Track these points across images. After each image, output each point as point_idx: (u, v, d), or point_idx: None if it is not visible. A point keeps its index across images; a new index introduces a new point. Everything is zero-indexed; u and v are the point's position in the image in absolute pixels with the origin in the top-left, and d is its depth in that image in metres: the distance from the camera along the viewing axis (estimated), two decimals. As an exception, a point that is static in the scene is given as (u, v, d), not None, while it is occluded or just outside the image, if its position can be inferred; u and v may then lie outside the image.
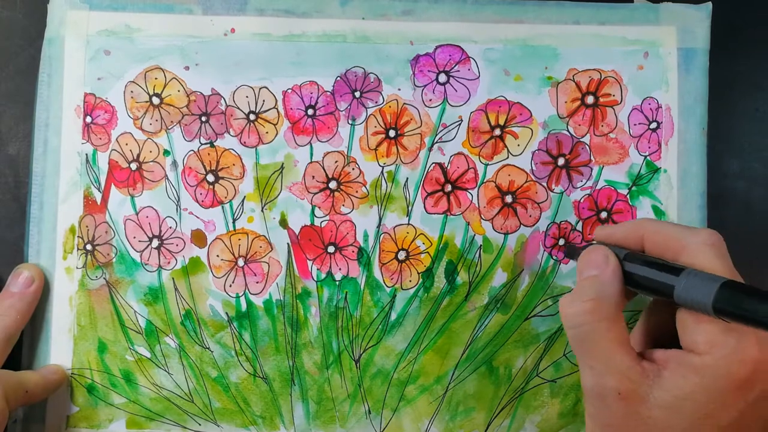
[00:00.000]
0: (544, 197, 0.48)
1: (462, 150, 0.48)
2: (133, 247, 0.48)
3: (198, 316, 0.48)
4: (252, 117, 0.48)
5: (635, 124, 0.48)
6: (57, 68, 0.48)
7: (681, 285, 0.34)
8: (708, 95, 0.48)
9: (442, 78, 0.48)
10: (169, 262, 0.48)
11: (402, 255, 0.48)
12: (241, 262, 0.48)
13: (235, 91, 0.48)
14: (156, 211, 0.48)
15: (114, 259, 0.47)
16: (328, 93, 0.48)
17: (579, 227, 0.48)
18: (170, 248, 0.48)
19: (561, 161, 0.48)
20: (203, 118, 0.48)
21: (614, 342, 0.36)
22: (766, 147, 0.49)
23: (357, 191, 0.48)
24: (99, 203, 0.48)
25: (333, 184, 0.48)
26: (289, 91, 0.48)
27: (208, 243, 0.48)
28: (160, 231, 0.48)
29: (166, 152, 0.48)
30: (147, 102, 0.48)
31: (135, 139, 0.48)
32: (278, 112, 0.48)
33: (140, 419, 0.47)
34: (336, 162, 0.48)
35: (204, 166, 0.48)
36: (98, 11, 0.48)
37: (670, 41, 0.48)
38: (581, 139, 0.48)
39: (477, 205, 0.48)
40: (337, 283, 0.48)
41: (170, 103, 0.48)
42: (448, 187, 0.48)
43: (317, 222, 0.48)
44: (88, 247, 0.47)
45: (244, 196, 0.48)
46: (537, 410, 0.48)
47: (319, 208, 0.48)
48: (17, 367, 0.47)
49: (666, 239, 0.37)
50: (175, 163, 0.48)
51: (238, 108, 0.48)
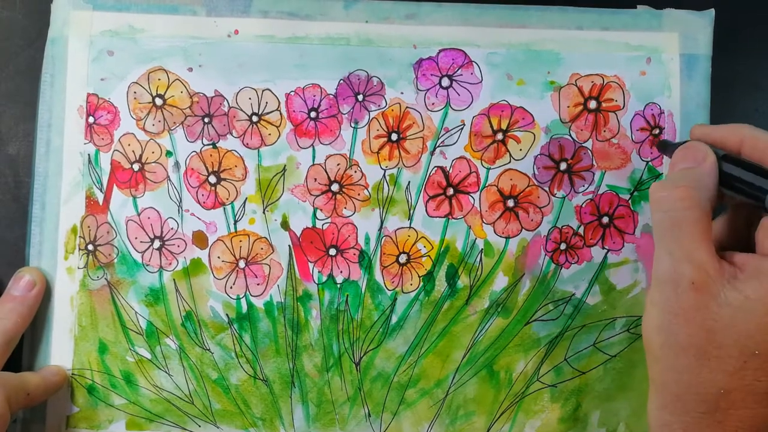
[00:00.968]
0: (546, 202, 0.48)
1: (464, 154, 0.48)
2: (134, 248, 0.48)
3: (198, 318, 0.48)
4: (255, 119, 0.48)
5: (637, 130, 0.48)
6: (60, 68, 0.48)
7: None
8: (710, 100, 0.48)
9: (445, 82, 0.48)
10: (170, 263, 0.48)
11: (403, 258, 0.48)
12: (242, 264, 0.48)
13: (238, 93, 0.48)
14: (158, 212, 0.48)
15: (115, 260, 0.47)
16: (331, 96, 0.48)
17: (581, 232, 0.48)
18: (171, 249, 0.48)
19: (563, 166, 0.48)
20: (206, 120, 0.48)
21: (699, 233, 0.36)
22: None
23: (359, 194, 0.48)
24: (101, 204, 0.48)
25: (335, 187, 0.48)
26: (292, 93, 0.48)
27: (210, 244, 0.48)
28: (162, 232, 0.48)
29: (169, 153, 0.48)
30: (150, 103, 0.48)
31: (137, 140, 0.48)
32: (281, 114, 0.48)
33: (140, 420, 0.47)
34: (338, 165, 0.48)
35: (206, 168, 0.48)
36: (102, 11, 0.48)
37: (672, 47, 0.48)
38: (583, 144, 0.48)
39: (479, 209, 0.48)
40: (338, 285, 0.48)
41: (173, 104, 0.48)
42: (450, 191, 0.48)
43: (319, 224, 0.48)
44: (90, 247, 0.47)
45: (246, 198, 0.48)
46: (537, 415, 0.48)
47: (321, 210, 0.48)
48: (18, 367, 0.47)
49: (764, 145, 0.38)
50: (177, 164, 0.48)
51: (241, 110, 0.48)
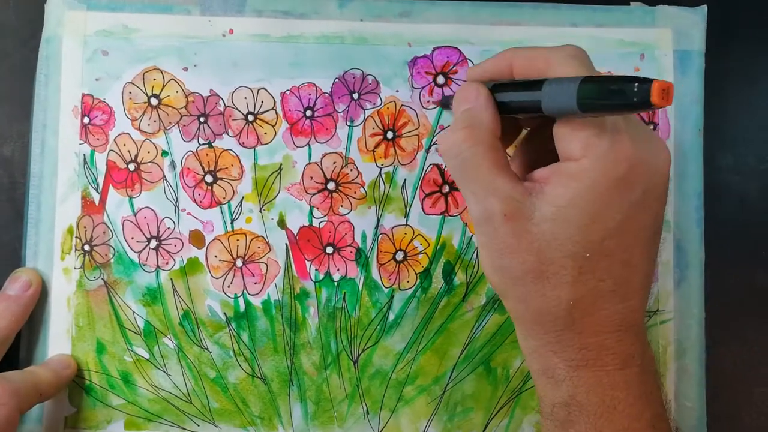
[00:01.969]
0: (542, 198, 0.48)
1: (460, 151, 0.48)
2: (131, 248, 0.47)
3: (196, 317, 0.48)
4: (250, 118, 0.48)
5: (632, 126, 0.48)
6: (54, 69, 0.47)
7: (545, 96, 0.34)
8: (704, 95, 0.48)
9: (440, 80, 0.48)
10: (167, 263, 0.48)
11: (400, 256, 0.48)
12: (239, 263, 0.48)
13: (233, 92, 0.48)
14: (154, 211, 0.48)
15: (112, 260, 0.47)
16: (327, 94, 0.48)
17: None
18: (168, 249, 0.48)
19: (558, 162, 0.48)
20: (201, 119, 0.48)
21: (493, 166, 0.36)
22: (760, 141, 0.50)
23: (355, 192, 0.48)
24: (97, 204, 0.47)
25: (331, 185, 0.48)
26: (288, 92, 0.48)
27: (207, 243, 0.48)
28: (159, 231, 0.48)
29: (165, 153, 0.48)
30: (145, 103, 0.48)
31: (133, 140, 0.48)
32: (276, 113, 0.48)
33: (138, 420, 0.47)
34: (334, 163, 0.48)
35: (202, 167, 0.48)
36: (96, 11, 0.48)
37: (665, 43, 0.48)
38: (578, 141, 0.48)
39: (475, 206, 0.48)
40: (336, 283, 0.48)
41: (168, 103, 0.48)
42: (446, 188, 0.48)
43: (315, 223, 0.48)
44: (86, 247, 0.47)
45: (243, 197, 0.48)
46: (535, 410, 0.48)
47: (318, 208, 0.48)
48: (14, 367, 0.46)
49: (531, 60, 0.38)
50: (173, 164, 0.48)
51: (237, 109, 0.48)
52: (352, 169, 0.48)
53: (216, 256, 0.48)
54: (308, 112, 0.48)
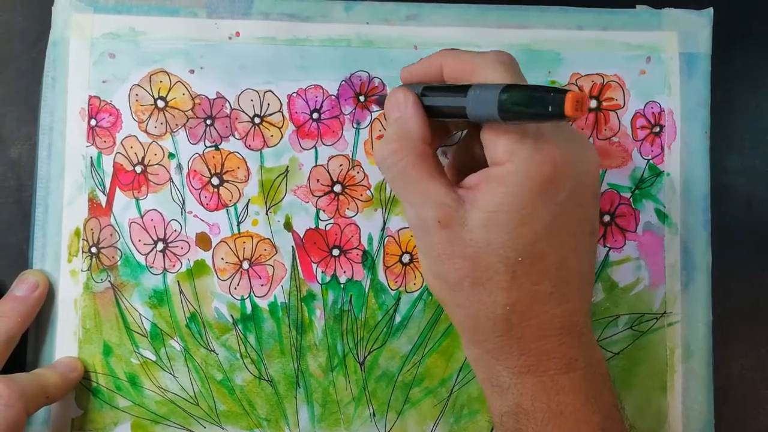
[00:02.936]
0: (548, 200, 0.48)
1: (466, 154, 0.48)
2: (138, 250, 0.48)
3: (203, 319, 0.48)
4: (257, 120, 0.48)
5: (638, 128, 0.48)
6: (61, 71, 0.48)
7: (470, 102, 0.35)
8: (710, 98, 0.48)
9: (447, 82, 0.48)
10: (174, 265, 0.48)
11: (406, 258, 0.48)
12: (245, 265, 0.48)
13: (240, 95, 0.48)
14: (161, 214, 0.48)
15: (119, 262, 0.47)
16: (333, 97, 0.48)
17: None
18: (175, 251, 0.48)
19: (564, 165, 0.48)
20: (208, 122, 0.48)
21: (426, 174, 0.36)
22: (766, 143, 0.50)
23: (361, 194, 0.48)
24: (104, 206, 0.48)
25: (338, 188, 0.48)
26: (294, 94, 0.48)
27: (213, 246, 0.48)
28: (165, 234, 0.48)
29: (171, 155, 0.48)
30: (152, 105, 0.48)
31: (140, 142, 0.48)
32: (283, 115, 0.48)
33: (145, 422, 0.47)
34: (341, 165, 0.48)
35: (209, 169, 0.48)
36: (103, 14, 0.48)
37: (672, 46, 0.48)
38: (584, 143, 0.48)
39: (481, 209, 0.48)
40: (342, 286, 0.48)
41: (175, 106, 0.48)
42: (452, 191, 0.48)
43: (322, 225, 0.48)
44: (93, 250, 0.47)
45: (249, 199, 0.48)
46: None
47: (324, 211, 0.48)
48: (21, 369, 0.46)
49: (459, 65, 0.38)
50: (180, 166, 0.48)
51: (243, 111, 0.48)
52: (358, 172, 0.48)
53: (222, 259, 0.48)
54: (315, 115, 0.48)
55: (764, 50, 0.50)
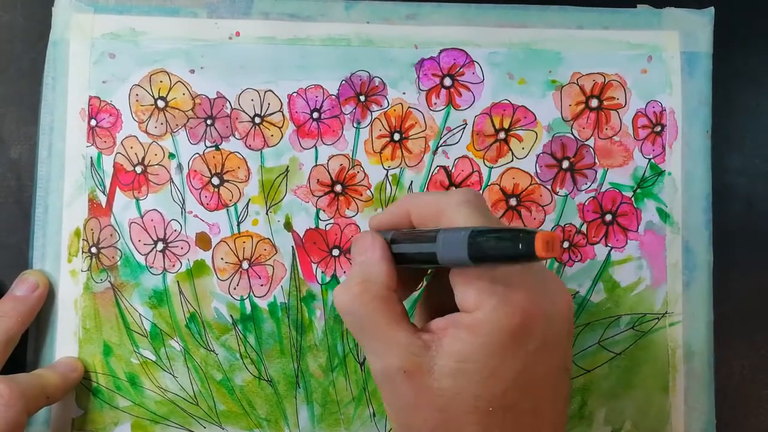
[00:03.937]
0: (549, 200, 0.48)
1: (466, 153, 0.48)
2: (138, 250, 0.48)
3: (203, 319, 0.48)
4: (257, 120, 0.48)
5: (639, 127, 0.48)
6: (62, 71, 0.48)
7: (439, 247, 0.34)
8: (711, 97, 0.48)
9: (447, 82, 0.48)
10: (173, 265, 0.48)
11: (407, 258, 0.48)
12: (245, 265, 0.48)
13: (240, 95, 0.48)
14: (161, 214, 0.48)
15: (119, 262, 0.47)
16: (333, 96, 0.48)
17: (583, 230, 0.48)
18: (175, 251, 0.48)
19: (565, 164, 0.48)
20: (208, 122, 0.48)
21: (390, 321, 0.35)
22: (767, 143, 0.50)
23: (362, 194, 0.48)
24: (104, 206, 0.47)
25: (338, 188, 0.48)
26: (294, 94, 0.48)
27: (213, 246, 0.48)
28: (165, 234, 0.48)
29: (171, 155, 0.48)
30: (152, 105, 0.48)
31: (140, 143, 0.48)
32: (283, 115, 0.48)
33: (145, 422, 0.47)
34: (341, 165, 0.48)
35: (209, 169, 0.48)
36: (103, 14, 0.48)
37: (673, 45, 0.48)
38: (585, 142, 0.48)
39: (481, 208, 0.48)
40: (342, 286, 0.48)
41: (175, 106, 0.48)
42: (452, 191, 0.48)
43: (322, 225, 0.48)
44: (93, 250, 0.47)
45: (249, 199, 0.48)
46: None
47: (324, 211, 0.48)
48: (21, 369, 0.46)
49: (426, 209, 0.37)
50: (180, 167, 0.48)
51: (244, 111, 0.48)
52: (358, 171, 0.48)
53: (222, 259, 0.48)
54: (315, 114, 0.48)
55: (765, 49, 0.50)
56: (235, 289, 0.48)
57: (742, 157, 0.50)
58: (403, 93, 0.48)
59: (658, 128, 0.48)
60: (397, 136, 0.48)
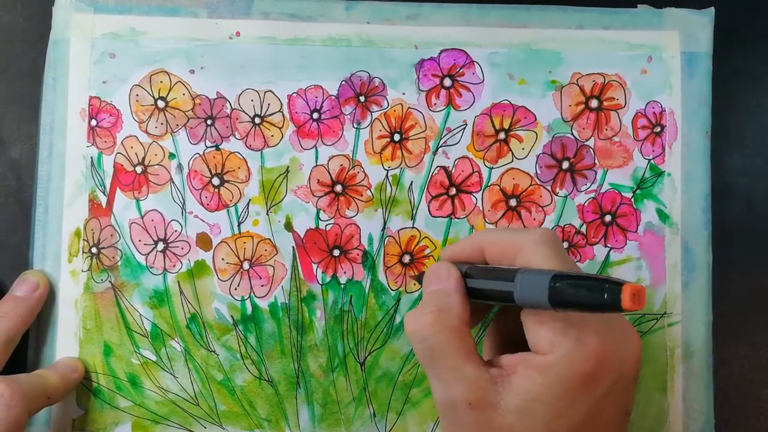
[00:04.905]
0: (549, 201, 0.48)
1: (466, 154, 0.48)
2: (138, 251, 0.48)
3: (203, 320, 0.48)
4: (257, 120, 0.48)
5: (639, 128, 0.48)
6: (62, 71, 0.48)
7: (517, 287, 0.34)
8: (711, 97, 0.48)
9: (447, 82, 0.48)
10: (174, 266, 0.48)
11: (406, 258, 0.48)
12: (246, 266, 0.48)
13: (240, 95, 0.48)
14: (161, 214, 0.48)
15: (119, 263, 0.47)
16: (333, 97, 0.48)
17: (583, 230, 0.48)
18: (175, 251, 0.48)
19: (565, 165, 0.48)
20: (208, 122, 0.48)
21: (460, 352, 0.35)
22: (767, 143, 0.50)
23: (362, 195, 0.48)
24: (104, 206, 0.48)
25: (338, 188, 0.48)
26: (294, 94, 0.48)
27: (214, 246, 0.48)
28: (165, 234, 0.48)
29: (172, 155, 0.48)
30: (152, 105, 0.48)
31: (140, 143, 0.48)
32: (283, 115, 0.48)
33: (146, 422, 0.47)
34: (341, 165, 0.48)
35: (209, 170, 0.48)
36: (103, 14, 0.48)
37: (673, 45, 0.48)
38: (585, 143, 0.48)
39: (481, 209, 0.48)
40: (342, 286, 0.48)
41: (175, 106, 0.48)
42: (453, 191, 0.48)
43: (322, 225, 0.48)
44: (94, 250, 0.47)
45: (249, 200, 0.48)
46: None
47: (324, 211, 0.48)
48: (22, 370, 0.47)
49: (501, 246, 0.37)
50: (180, 167, 0.48)
51: (244, 111, 0.48)
52: (358, 172, 0.48)
53: (223, 259, 0.48)
54: (315, 115, 0.48)
55: (765, 49, 0.50)
56: (235, 289, 0.48)
57: (742, 157, 0.50)
58: (403, 93, 0.48)
59: (658, 129, 0.48)
60: (397, 137, 0.48)
